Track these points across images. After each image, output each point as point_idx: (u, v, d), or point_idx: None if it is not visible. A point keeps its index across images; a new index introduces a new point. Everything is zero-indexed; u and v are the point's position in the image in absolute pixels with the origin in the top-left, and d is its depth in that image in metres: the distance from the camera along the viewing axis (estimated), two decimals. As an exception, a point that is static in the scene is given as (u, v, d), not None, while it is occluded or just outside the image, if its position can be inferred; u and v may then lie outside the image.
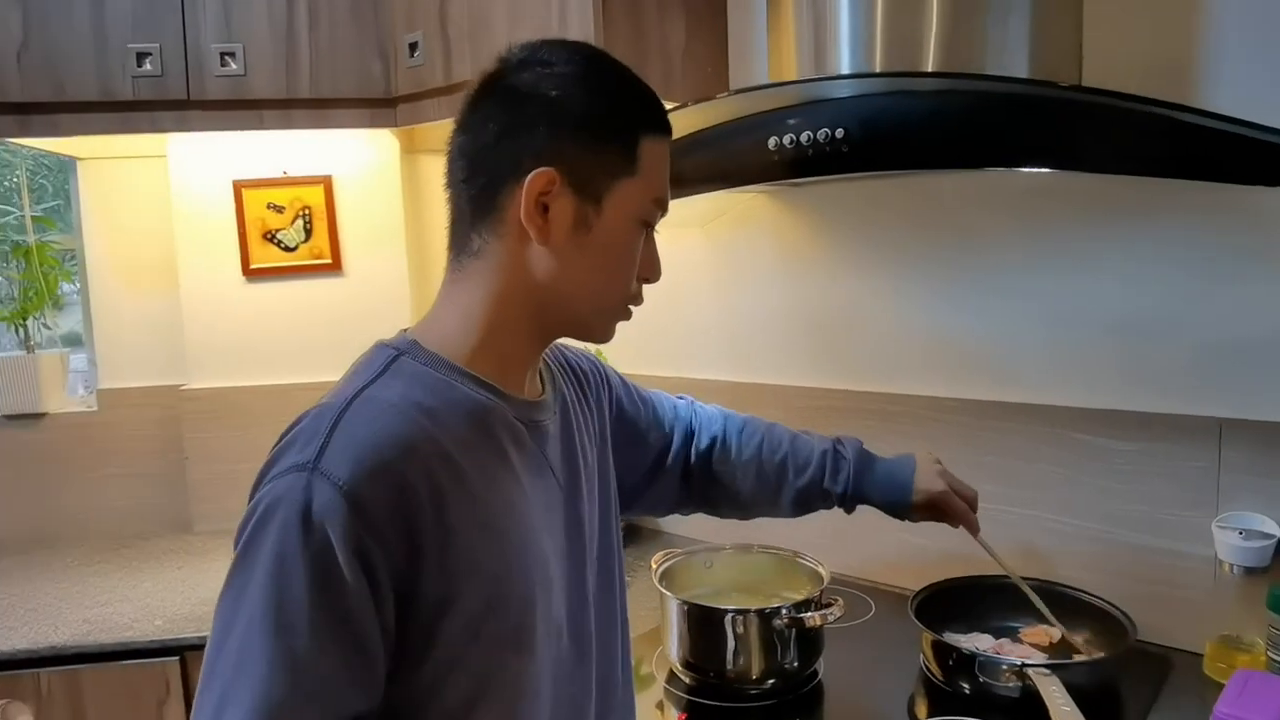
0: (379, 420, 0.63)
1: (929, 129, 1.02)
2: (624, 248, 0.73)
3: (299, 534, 0.58)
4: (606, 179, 0.70)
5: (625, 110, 0.71)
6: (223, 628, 0.59)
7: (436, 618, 0.63)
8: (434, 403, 0.66)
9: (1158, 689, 1.13)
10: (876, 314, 1.51)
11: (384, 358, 0.69)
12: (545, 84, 0.69)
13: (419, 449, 0.63)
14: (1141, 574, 1.24)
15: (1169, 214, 1.20)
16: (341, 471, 0.59)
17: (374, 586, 0.59)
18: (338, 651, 0.58)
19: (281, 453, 0.62)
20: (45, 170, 2.28)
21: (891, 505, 1.06)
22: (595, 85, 0.70)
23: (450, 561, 0.63)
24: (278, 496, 0.59)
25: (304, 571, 0.57)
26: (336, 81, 1.66)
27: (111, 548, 1.87)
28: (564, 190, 0.69)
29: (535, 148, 0.68)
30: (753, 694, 1.15)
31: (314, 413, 0.64)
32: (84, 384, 2.09)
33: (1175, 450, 1.21)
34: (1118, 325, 1.26)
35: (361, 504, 0.59)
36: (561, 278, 0.71)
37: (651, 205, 0.74)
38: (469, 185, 0.71)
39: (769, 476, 1.05)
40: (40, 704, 1.41)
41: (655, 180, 0.73)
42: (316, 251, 1.89)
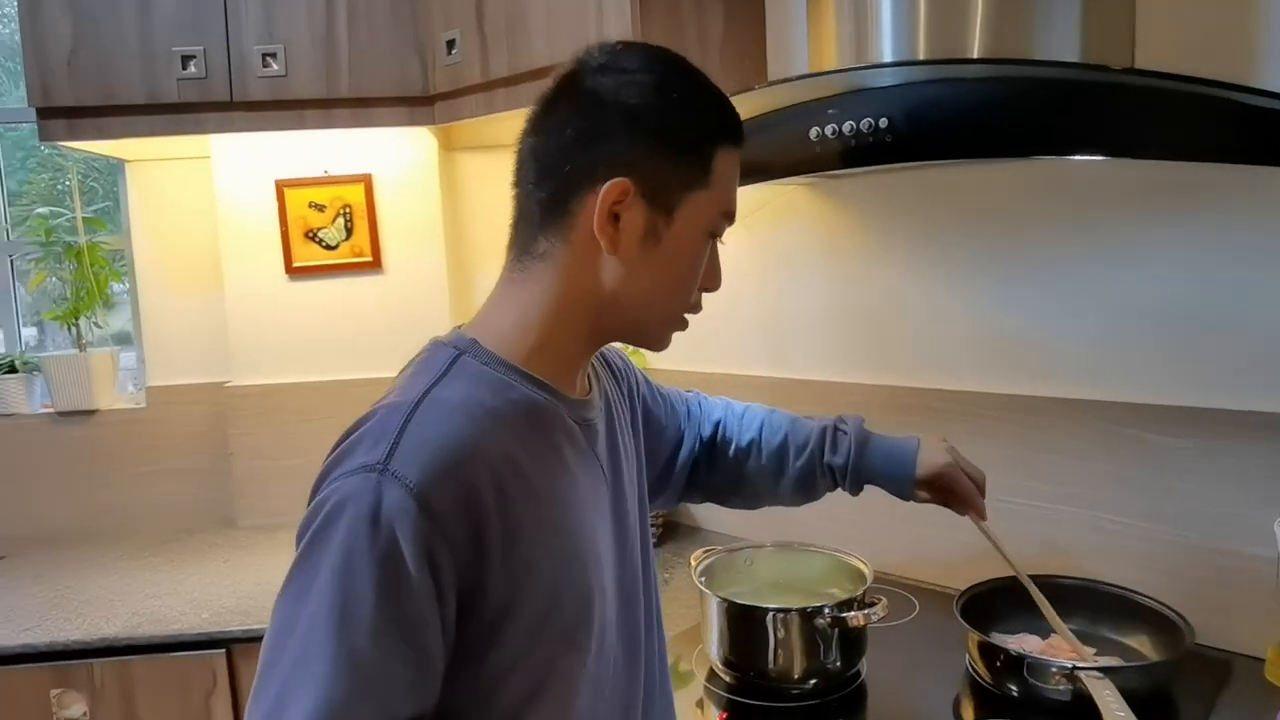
0: (448, 423, 0.63)
1: (975, 117, 1.00)
2: (691, 259, 0.73)
3: (367, 534, 0.57)
4: (680, 190, 0.69)
5: (703, 121, 0.71)
6: (284, 624, 0.58)
7: (499, 620, 0.63)
8: (496, 403, 0.67)
9: (1215, 695, 1.09)
10: (920, 308, 1.48)
11: (445, 357, 0.69)
12: (625, 91, 0.68)
13: (485, 451, 0.63)
14: (1199, 575, 1.20)
15: (1227, 201, 1.16)
16: (412, 473, 0.59)
17: (439, 590, 0.59)
18: (399, 654, 0.58)
19: (349, 451, 0.62)
20: (96, 173, 2.34)
21: (894, 480, 1.04)
22: (674, 94, 0.69)
23: (513, 563, 0.63)
24: (346, 495, 0.59)
25: (371, 572, 0.57)
26: (375, 80, 1.68)
27: (159, 542, 1.92)
28: (637, 200, 0.68)
29: (612, 156, 0.68)
30: (794, 694, 1.14)
31: (382, 412, 0.64)
32: (133, 381, 2.15)
33: (1235, 447, 1.16)
34: (1173, 317, 1.22)
35: (431, 506, 0.59)
36: (626, 286, 0.70)
37: (720, 217, 0.73)
38: (539, 188, 0.71)
39: (770, 458, 1.05)
40: (93, 694, 1.45)
41: (726, 192, 0.73)
42: (357, 250, 1.91)
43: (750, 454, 1.06)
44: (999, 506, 1.37)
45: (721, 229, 0.74)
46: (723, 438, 1.07)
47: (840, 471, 1.04)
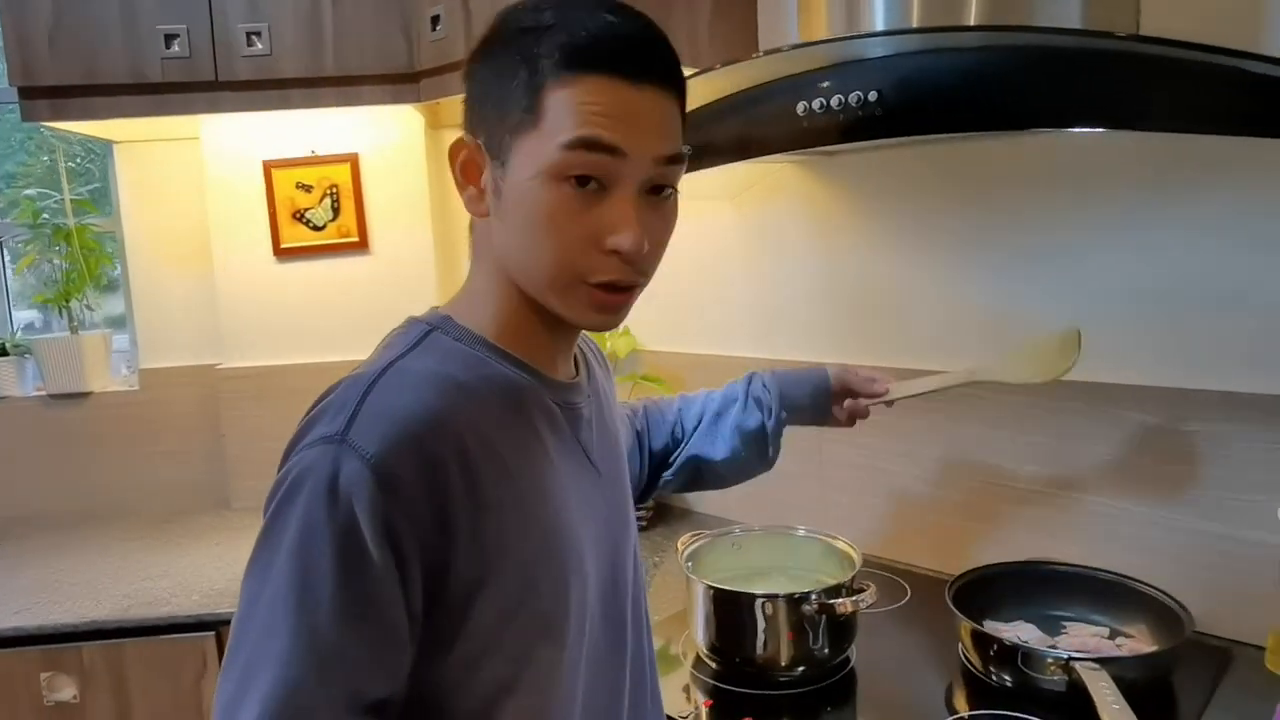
0: (411, 392, 0.61)
1: (971, 88, 0.95)
2: (538, 209, 0.63)
3: (325, 506, 0.56)
4: (507, 136, 0.64)
5: (518, 57, 0.62)
6: (249, 599, 0.58)
7: (468, 600, 0.61)
8: (468, 378, 0.65)
9: (1215, 684, 1.06)
10: (911, 288, 1.44)
11: (418, 332, 0.68)
12: (475, 51, 0.67)
13: (452, 423, 0.61)
14: (1200, 561, 1.17)
15: (1228, 177, 1.12)
16: (370, 444, 0.57)
17: (401, 565, 0.57)
18: (361, 631, 0.57)
19: (311, 423, 0.61)
20: (91, 155, 2.32)
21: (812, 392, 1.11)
22: (494, 36, 0.66)
23: (483, 540, 0.61)
24: (305, 467, 0.58)
25: (329, 545, 0.56)
26: (361, 58, 1.65)
27: (152, 524, 1.92)
28: (480, 155, 0.66)
29: (467, 117, 0.67)
30: (781, 681, 1.12)
31: (345, 383, 0.62)
32: (126, 364, 2.14)
33: (1238, 430, 1.13)
34: (1176, 297, 1.18)
35: (389, 478, 0.57)
36: (503, 251, 0.67)
37: (561, 153, 0.61)
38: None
39: (695, 416, 1.09)
40: (83, 677, 1.45)
41: (565, 123, 0.61)
42: (344, 230, 1.89)
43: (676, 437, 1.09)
44: (996, 491, 1.35)
45: (577, 166, 0.61)
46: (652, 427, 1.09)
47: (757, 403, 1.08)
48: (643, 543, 1.64)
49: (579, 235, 0.63)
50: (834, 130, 1.03)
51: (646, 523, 1.72)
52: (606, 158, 0.62)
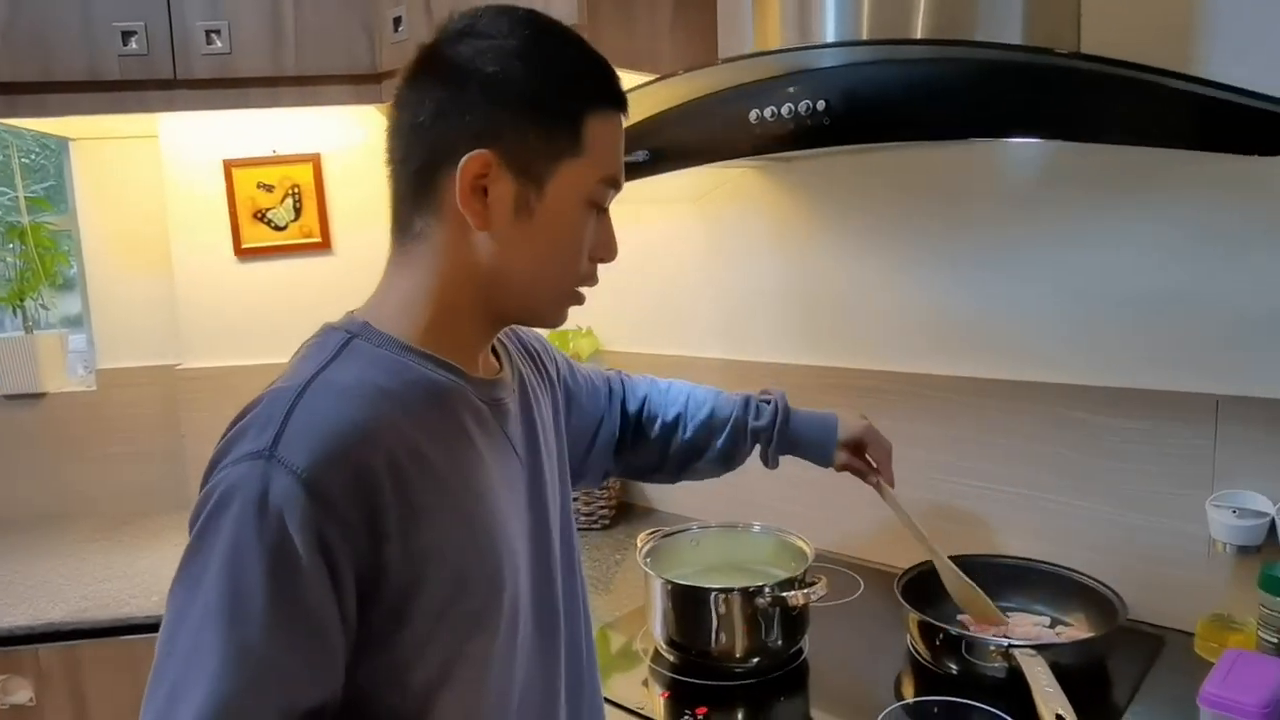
0: (337, 405, 0.61)
1: (913, 100, 0.99)
2: (569, 231, 0.70)
3: (255, 523, 0.56)
4: (549, 160, 0.67)
5: (569, 86, 0.67)
6: (175, 617, 0.57)
7: (402, 602, 0.62)
8: (392, 385, 0.65)
9: (1147, 669, 1.11)
10: (873, 290, 1.48)
11: (336, 341, 0.68)
12: (484, 59, 0.65)
13: (379, 433, 0.61)
14: (1134, 552, 1.23)
15: (1169, 186, 1.17)
16: (299, 459, 0.57)
17: (334, 575, 0.58)
18: (295, 643, 0.57)
19: (235, 439, 0.60)
20: (47, 151, 2.28)
21: (817, 443, 1.09)
22: (537, 59, 0.66)
23: (416, 545, 0.62)
24: (232, 484, 0.57)
25: (260, 562, 0.56)
26: (322, 58, 1.64)
27: (111, 525, 1.89)
28: (503, 173, 0.66)
29: (473, 128, 0.65)
30: (737, 673, 1.15)
31: (267, 398, 0.62)
32: (83, 364, 2.11)
33: (1172, 428, 1.19)
34: (1115, 300, 1.23)
35: (321, 491, 0.57)
36: (505, 263, 0.68)
37: (600, 185, 0.70)
38: (405, 165, 0.68)
39: (697, 430, 1.06)
40: (39, 679, 1.43)
41: (605, 158, 0.69)
42: (306, 230, 1.88)
43: (676, 428, 1.07)
44: (945, 487, 1.40)
45: (606, 198, 0.72)
46: (648, 414, 1.08)
47: (764, 435, 1.07)
48: (604, 541, 1.66)
49: (585, 253, 0.71)
50: (784, 138, 1.06)
51: (609, 520, 1.74)
52: (614, 190, 0.72)
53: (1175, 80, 0.88)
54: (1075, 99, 0.93)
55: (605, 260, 0.74)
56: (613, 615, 1.34)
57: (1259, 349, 1.12)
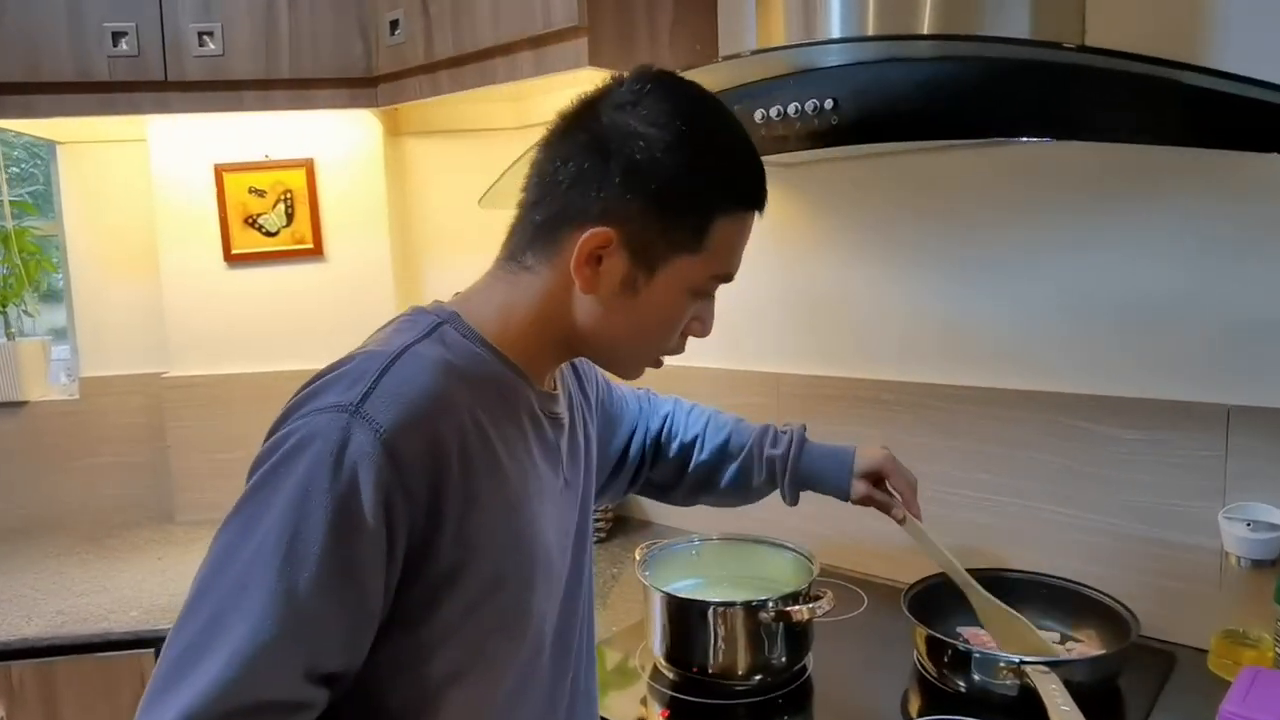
0: (424, 375, 0.63)
1: (923, 98, 0.97)
2: (667, 314, 0.72)
3: (329, 472, 0.57)
4: (666, 251, 0.69)
5: (707, 189, 0.69)
6: (226, 551, 0.57)
7: (442, 586, 0.63)
8: (473, 373, 0.67)
9: (1161, 686, 1.08)
10: (871, 299, 1.46)
11: (428, 322, 0.69)
12: (634, 143, 0.66)
13: (457, 411, 0.63)
14: (1145, 567, 1.20)
15: (1176, 187, 1.15)
16: (384, 418, 0.59)
17: (391, 540, 0.59)
18: (339, 600, 0.57)
19: (321, 390, 0.62)
20: (34, 157, 2.25)
21: (832, 474, 1.04)
22: (683, 157, 0.67)
23: (467, 531, 0.63)
24: (313, 431, 0.58)
25: (326, 509, 0.56)
26: (316, 61, 1.62)
27: (93, 537, 1.84)
28: (619, 251, 0.68)
29: (605, 204, 0.67)
30: (738, 690, 1.11)
31: (361, 357, 0.64)
32: (66, 372, 2.06)
33: (1181, 438, 1.16)
34: (1123, 307, 1.21)
35: (397, 454, 0.58)
36: (598, 326, 0.71)
37: (710, 280, 0.72)
38: (535, 210, 0.71)
39: (712, 453, 1.05)
40: (11, 697, 1.38)
41: (723, 257, 0.71)
42: (298, 236, 1.85)
43: (694, 448, 1.06)
44: (949, 499, 1.37)
45: (712, 289, 0.74)
46: (668, 431, 1.07)
47: (780, 464, 1.04)
48: (601, 554, 1.63)
49: (675, 332, 0.74)
50: (791, 138, 1.04)
51: (605, 533, 1.70)
52: (724, 282, 0.74)
53: (1191, 74, 0.86)
54: (1084, 95, 0.91)
55: (697, 336, 0.77)
56: (610, 631, 1.30)
57: (1271, 357, 1.10)
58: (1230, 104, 0.85)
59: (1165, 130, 0.89)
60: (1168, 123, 0.89)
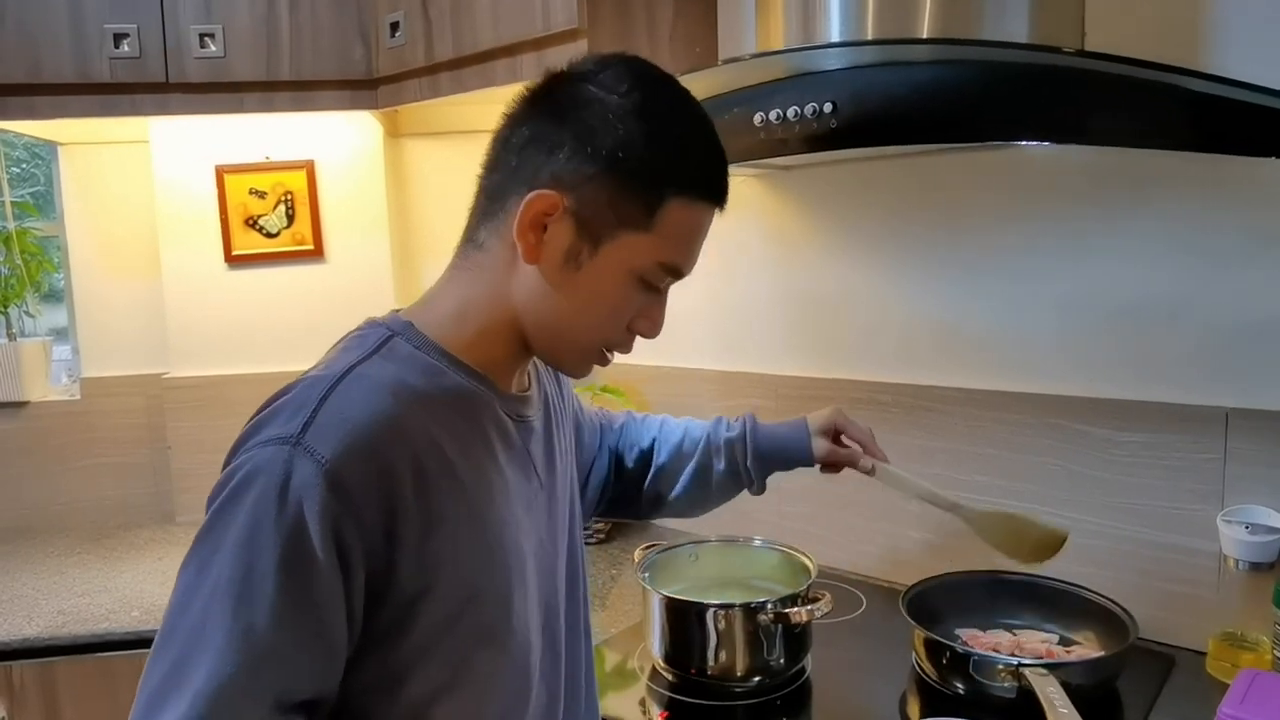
0: (369, 399, 0.61)
1: (924, 102, 0.97)
2: (609, 298, 0.69)
3: (275, 507, 0.56)
4: (613, 224, 0.66)
5: (663, 163, 0.66)
6: (185, 593, 0.57)
7: (411, 607, 0.61)
8: (425, 387, 0.65)
9: (1159, 688, 1.08)
10: (869, 301, 1.46)
11: (377, 336, 0.67)
12: (591, 109, 0.65)
13: (407, 433, 0.61)
14: (1144, 570, 1.20)
15: (1174, 191, 1.15)
16: (325, 449, 0.58)
17: (346, 570, 0.58)
18: (298, 633, 0.57)
19: (265, 421, 0.60)
20: (36, 159, 2.25)
21: (791, 442, 1.02)
22: (640, 127, 0.65)
23: (430, 550, 0.61)
24: (257, 466, 0.57)
25: (274, 547, 0.56)
26: (317, 63, 1.62)
27: (93, 538, 1.85)
28: (566, 220, 0.66)
29: (554, 169, 0.65)
30: (737, 692, 1.11)
31: (303, 384, 0.62)
32: (67, 373, 2.07)
33: (1180, 441, 1.16)
34: (1120, 310, 1.21)
35: (342, 484, 0.57)
36: (538, 301, 0.68)
37: (657, 268, 0.69)
38: (489, 176, 0.70)
39: (670, 453, 1.04)
40: (13, 697, 1.38)
41: (674, 245, 0.68)
42: (299, 237, 1.85)
43: (651, 453, 1.04)
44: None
45: (661, 282, 0.70)
46: (626, 443, 1.06)
47: (739, 447, 1.01)
48: (600, 556, 1.63)
49: (623, 322, 0.71)
50: (790, 141, 1.04)
51: (604, 535, 1.70)
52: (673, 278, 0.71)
53: (1190, 79, 0.86)
54: (1083, 100, 0.91)
55: (646, 336, 0.74)
56: (609, 632, 1.30)
57: (1269, 360, 1.10)
58: (1229, 109, 0.86)
59: (1164, 135, 0.90)
60: (1166, 127, 0.89)
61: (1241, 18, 1.06)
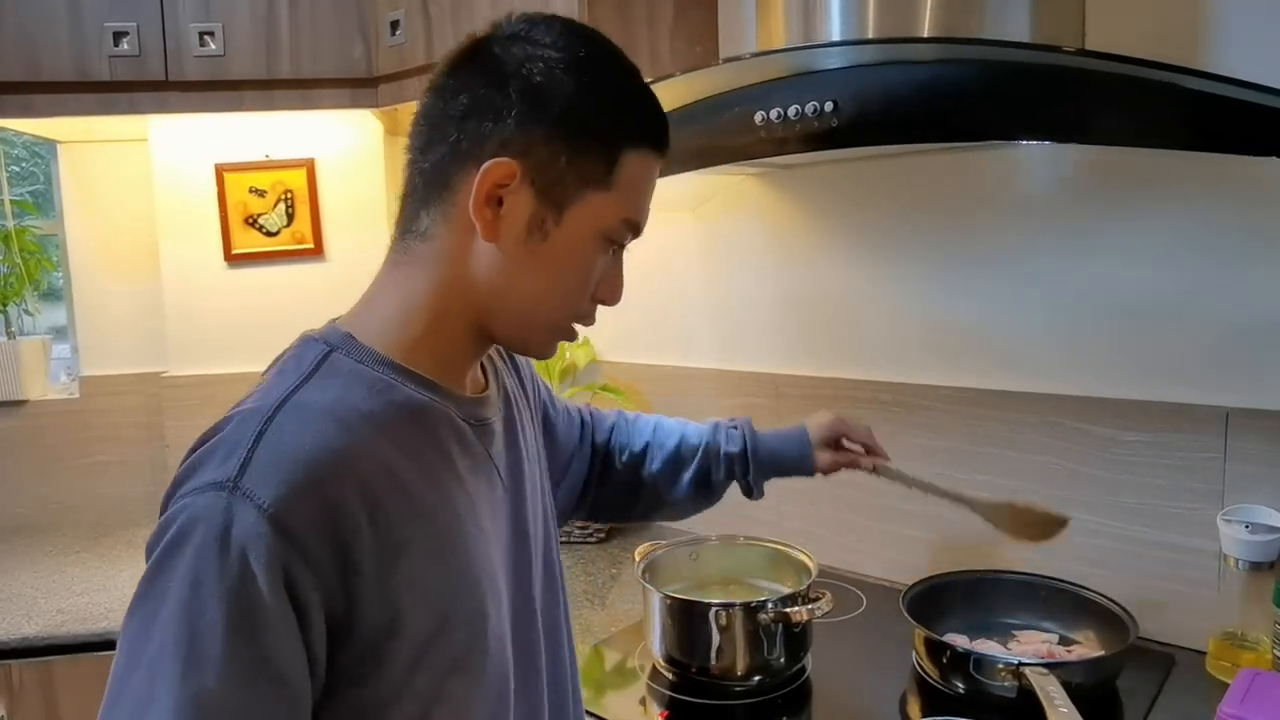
0: (310, 430, 0.56)
1: (925, 101, 0.97)
2: (579, 264, 0.66)
3: (216, 561, 0.51)
4: (575, 186, 0.63)
5: (614, 114, 0.64)
6: (130, 654, 0.52)
7: (379, 644, 0.57)
8: (373, 406, 0.60)
9: (1159, 688, 1.08)
10: (870, 300, 1.46)
11: (314, 354, 0.62)
12: (531, 66, 0.61)
13: (355, 461, 0.57)
14: (1144, 569, 1.20)
15: (1174, 190, 1.15)
16: (266, 491, 0.53)
17: (302, 618, 0.54)
18: (256, 689, 0.52)
19: (199, 464, 0.56)
20: (35, 157, 2.25)
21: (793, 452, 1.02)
22: (587, 80, 0.62)
23: (393, 583, 0.57)
24: (193, 516, 0.53)
25: (220, 604, 0.51)
26: (317, 61, 1.62)
27: (92, 537, 1.85)
28: (524, 187, 0.62)
29: (503, 134, 0.61)
30: (737, 691, 1.11)
31: (236, 419, 0.57)
32: (66, 371, 2.07)
33: (1180, 440, 1.16)
34: (1120, 309, 1.21)
35: (288, 527, 0.53)
36: (505, 282, 0.64)
37: (621, 225, 0.66)
38: (425, 156, 0.64)
39: (666, 461, 1.01)
40: (11, 696, 1.38)
41: (632, 199, 0.66)
42: (298, 236, 1.85)
43: (645, 459, 1.01)
44: (944, 501, 1.36)
45: (624, 239, 0.67)
46: (615, 445, 1.02)
47: (739, 461, 1.01)
48: (600, 555, 1.63)
49: (591, 289, 0.68)
50: (791, 140, 1.04)
51: (604, 534, 1.70)
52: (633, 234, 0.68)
53: (1191, 78, 0.86)
54: (1084, 99, 0.91)
55: (607, 303, 0.70)
56: (608, 631, 1.30)
57: (1270, 360, 1.10)
58: (1229, 108, 0.85)
59: (1164, 134, 0.90)
60: (1167, 126, 0.89)
61: (1242, 17, 1.07)
